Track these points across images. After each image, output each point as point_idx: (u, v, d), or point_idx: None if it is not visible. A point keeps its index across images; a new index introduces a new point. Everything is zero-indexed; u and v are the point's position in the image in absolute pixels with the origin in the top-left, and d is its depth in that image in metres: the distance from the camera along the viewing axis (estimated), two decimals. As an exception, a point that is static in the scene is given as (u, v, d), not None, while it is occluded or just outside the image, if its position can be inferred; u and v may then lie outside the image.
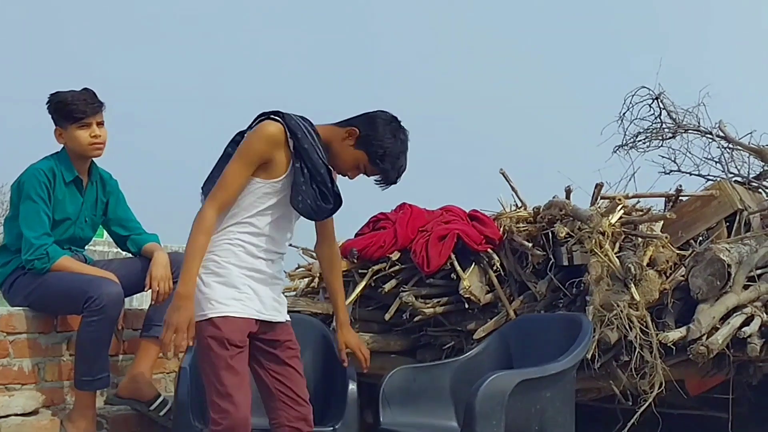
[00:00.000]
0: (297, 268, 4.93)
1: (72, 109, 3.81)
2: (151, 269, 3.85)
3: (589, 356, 3.94)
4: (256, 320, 3.03)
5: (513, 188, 4.91)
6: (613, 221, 4.36)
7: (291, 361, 3.14)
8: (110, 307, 3.67)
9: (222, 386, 2.93)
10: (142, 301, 4.30)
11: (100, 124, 3.87)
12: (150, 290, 3.86)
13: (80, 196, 3.92)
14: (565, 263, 4.33)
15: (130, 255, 4.14)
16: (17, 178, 3.83)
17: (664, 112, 5.63)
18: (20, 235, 3.79)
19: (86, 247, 4.12)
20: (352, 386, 3.79)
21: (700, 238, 4.71)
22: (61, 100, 3.83)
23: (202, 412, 3.34)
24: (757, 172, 5.43)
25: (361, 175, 3.12)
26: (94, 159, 3.96)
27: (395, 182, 3.13)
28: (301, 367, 3.18)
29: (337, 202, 3.09)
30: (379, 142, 3.05)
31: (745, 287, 4.28)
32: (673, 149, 5.67)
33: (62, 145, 3.89)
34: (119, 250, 4.43)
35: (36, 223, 3.73)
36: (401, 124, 3.12)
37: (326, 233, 3.34)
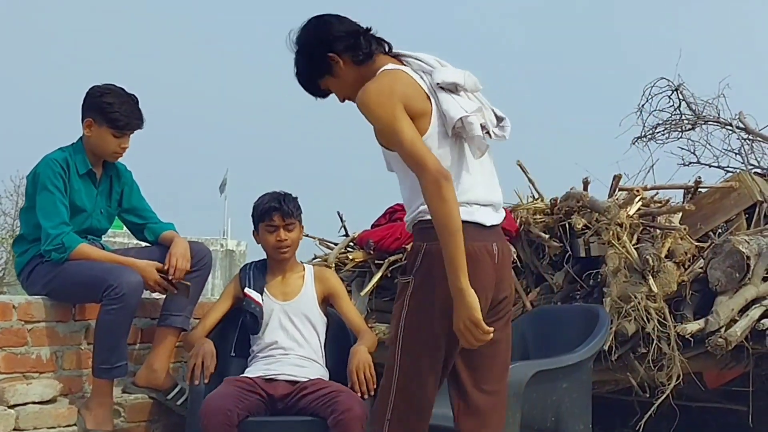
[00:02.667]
0: (313, 259, 4.94)
1: (117, 117, 3.82)
2: (171, 249, 3.88)
3: (606, 348, 3.92)
4: None
5: (530, 180, 4.89)
6: (631, 213, 4.33)
7: None
8: (130, 296, 3.69)
9: None
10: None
11: (130, 135, 3.91)
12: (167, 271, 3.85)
13: (94, 188, 3.94)
14: (582, 255, 4.31)
15: (147, 244, 4.16)
16: (32, 169, 3.85)
17: (683, 103, 5.60)
18: (37, 226, 3.81)
19: (105, 239, 4.14)
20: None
21: (719, 230, 4.68)
22: (110, 102, 3.81)
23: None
24: (778, 164, 5.39)
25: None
26: None
27: None
28: None
29: None
30: None
31: (764, 279, 4.25)
32: (692, 141, 5.64)
33: (79, 137, 3.91)
34: (137, 243, 4.46)
35: (53, 213, 3.75)
36: None
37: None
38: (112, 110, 3.82)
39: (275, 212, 3.96)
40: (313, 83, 2.80)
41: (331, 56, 2.72)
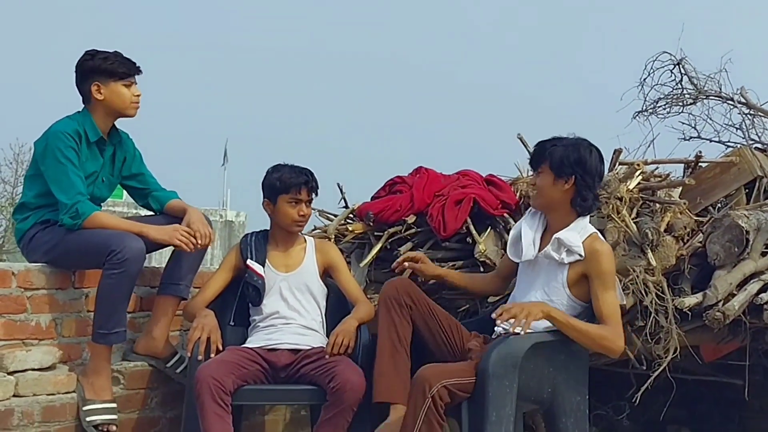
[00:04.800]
0: (313, 230, 4.94)
1: (117, 66, 3.88)
2: (188, 218, 3.89)
3: (603, 321, 3.93)
4: None
5: (530, 153, 4.87)
6: (631, 187, 4.33)
7: None
8: (132, 262, 3.69)
9: None
10: (161, 260, 4.32)
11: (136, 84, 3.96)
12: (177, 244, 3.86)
13: (101, 157, 3.95)
14: (582, 228, 4.30)
15: (150, 213, 4.17)
16: (42, 137, 3.84)
17: (685, 77, 5.56)
18: (41, 194, 3.82)
19: (105, 208, 4.14)
20: (364, 346, 3.82)
21: (719, 205, 4.68)
22: (105, 56, 3.89)
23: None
24: (779, 139, 5.37)
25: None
26: (123, 119, 3.99)
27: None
28: None
29: None
30: None
31: (763, 254, 4.25)
32: (693, 115, 5.61)
33: (83, 107, 3.90)
34: (137, 212, 4.46)
35: (68, 185, 3.75)
36: None
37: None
38: (110, 63, 3.88)
39: (304, 186, 3.98)
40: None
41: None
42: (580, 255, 3.56)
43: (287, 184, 3.97)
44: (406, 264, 4.11)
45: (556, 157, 3.64)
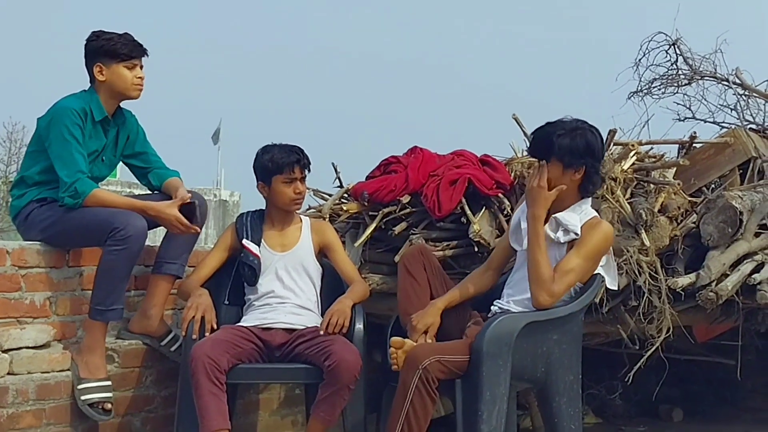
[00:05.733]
0: (308, 209, 4.94)
1: (120, 47, 3.87)
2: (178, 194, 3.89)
3: (597, 300, 3.95)
4: None
5: (525, 133, 4.87)
6: (625, 167, 4.34)
7: None
8: (134, 239, 3.69)
9: None
10: (155, 239, 4.32)
11: (142, 67, 3.94)
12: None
13: (104, 137, 3.94)
14: (576, 208, 4.31)
15: (148, 192, 4.16)
16: (47, 113, 3.83)
17: (680, 58, 5.55)
18: (43, 170, 3.82)
19: (100, 185, 4.13)
20: (359, 326, 3.85)
21: (713, 186, 4.69)
22: (109, 38, 3.88)
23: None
24: (773, 120, 5.37)
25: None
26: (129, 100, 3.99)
27: None
28: None
29: None
30: None
31: (757, 235, 4.27)
32: (688, 96, 5.60)
33: (89, 86, 3.90)
34: (131, 191, 4.45)
35: (70, 162, 3.74)
36: None
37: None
38: (113, 44, 3.86)
39: (296, 165, 3.97)
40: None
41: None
42: (576, 234, 3.54)
43: (280, 165, 3.96)
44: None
45: (565, 148, 3.52)
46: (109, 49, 3.86)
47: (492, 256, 3.96)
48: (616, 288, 3.80)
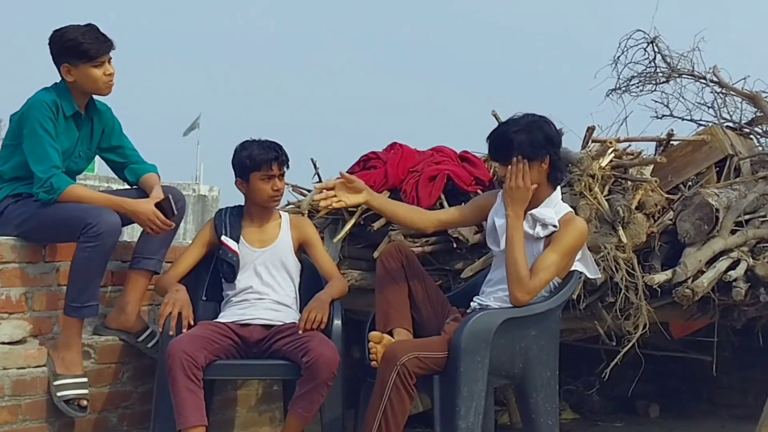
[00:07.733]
0: (287, 205, 4.93)
1: (86, 48, 3.75)
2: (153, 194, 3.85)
3: (574, 297, 3.97)
4: None
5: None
6: (603, 164, 4.35)
7: None
8: (107, 235, 3.66)
9: None
10: (133, 234, 4.29)
11: (110, 60, 3.84)
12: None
13: (77, 131, 3.89)
14: (554, 205, 4.32)
15: (126, 186, 4.13)
16: (20, 110, 3.78)
17: (658, 56, 5.58)
18: (17, 166, 3.78)
19: (79, 181, 4.10)
20: (337, 322, 3.84)
21: (690, 183, 4.72)
22: (72, 38, 3.75)
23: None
24: (749, 118, 5.41)
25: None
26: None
27: None
28: None
29: None
30: None
31: (733, 232, 4.30)
32: (666, 94, 5.62)
33: (61, 79, 3.85)
34: (109, 185, 4.42)
35: (43, 157, 3.70)
36: None
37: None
38: (77, 44, 3.75)
39: (275, 161, 3.95)
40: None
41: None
42: (554, 226, 3.56)
43: (258, 161, 3.94)
44: (322, 203, 3.68)
45: (526, 143, 3.55)
46: (76, 51, 3.75)
47: (453, 208, 4.01)
48: (599, 276, 3.84)
